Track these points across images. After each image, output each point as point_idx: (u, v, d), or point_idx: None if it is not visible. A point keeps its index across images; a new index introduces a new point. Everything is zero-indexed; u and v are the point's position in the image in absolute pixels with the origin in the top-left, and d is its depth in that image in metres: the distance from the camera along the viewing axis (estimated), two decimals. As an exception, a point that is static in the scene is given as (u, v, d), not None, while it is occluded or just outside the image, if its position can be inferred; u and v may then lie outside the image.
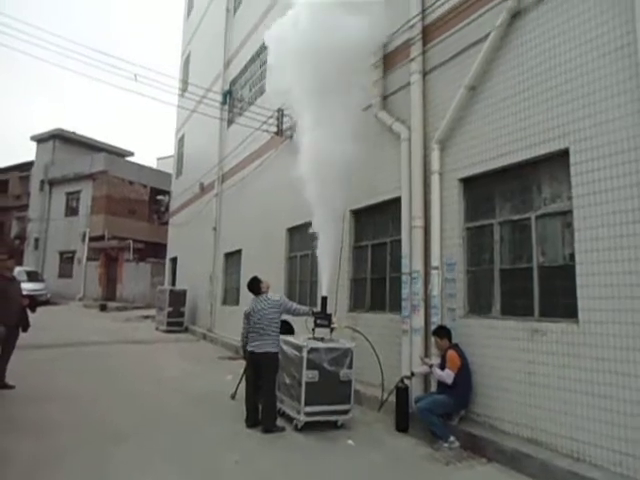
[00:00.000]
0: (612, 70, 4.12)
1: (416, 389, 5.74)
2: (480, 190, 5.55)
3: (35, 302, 7.16)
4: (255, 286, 5.71)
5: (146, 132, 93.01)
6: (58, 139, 30.37)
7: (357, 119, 6.35)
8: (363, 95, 6.46)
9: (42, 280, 23.49)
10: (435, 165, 5.87)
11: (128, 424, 5.28)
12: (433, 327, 5.61)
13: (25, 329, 6.70)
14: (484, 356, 5.11)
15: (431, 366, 5.29)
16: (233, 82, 14.46)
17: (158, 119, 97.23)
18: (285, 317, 5.88)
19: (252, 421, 5.36)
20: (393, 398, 5.61)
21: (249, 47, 13.29)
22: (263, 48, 12.31)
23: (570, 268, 4.39)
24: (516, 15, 5.08)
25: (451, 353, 5.09)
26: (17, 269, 23.53)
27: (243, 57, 13.73)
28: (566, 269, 4.47)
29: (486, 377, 5.05)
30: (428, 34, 6.35)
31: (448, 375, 5.00)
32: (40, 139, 30.99)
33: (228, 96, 13.89)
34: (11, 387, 6.45)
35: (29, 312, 6.80)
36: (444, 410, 4.97)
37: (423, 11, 6.36)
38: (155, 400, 6.41)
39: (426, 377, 5.77)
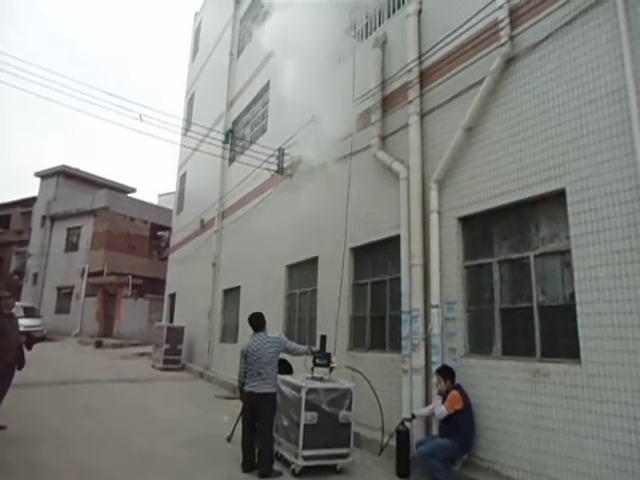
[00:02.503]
0: (605, 113, 4.24)
1: (417, 432, 5.58)
2: (479, 229, 5.59)
3: (32, 340, 6.98)
4: (259, 322, 5.60)
5: (148, 169, 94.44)
6: (62, 175, 30.79)
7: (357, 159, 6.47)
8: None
9: (39, 316, 23.24)
10: (434, 204, 5.94)
11: (119, 468, 5.09)
12: (434, 367, 5.53)
13: (20, 367, 6.55)
14: (486, 397, 5.00)
15: (438, 393, 5.17)
16: (235, 122, 14.80)
17: (160, 156, 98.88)
18: (283, 356, 5.79)
19: (248, 465, 5.18)
20: (394, 441, 5.46)
21: (251, 89, 13.68)
22: (265, 89, 12.70)
23: (571, 308, 4.36)
24: (510, 61, 5.27)
25: (454, 393, 4.98)
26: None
27: (245, 98, 14.12)
28: (567, 309, 4.44)
29: (489, 419, 4.93)
30: (425, 78, 6.56)
31: (441, 412, 4.91)
32: (44, 175, 31.42)
33: (230, 135, 14.19)
34: (2, 427, 6.27)
35: (25, 350, 6.66)
36: (447, 455, 4.82)
37: (420, 56, 6.59)
38: (148, 442, 6.21)
39: (427, 419, 5.63)
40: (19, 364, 6.50)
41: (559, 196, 4.58)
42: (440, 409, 4.94)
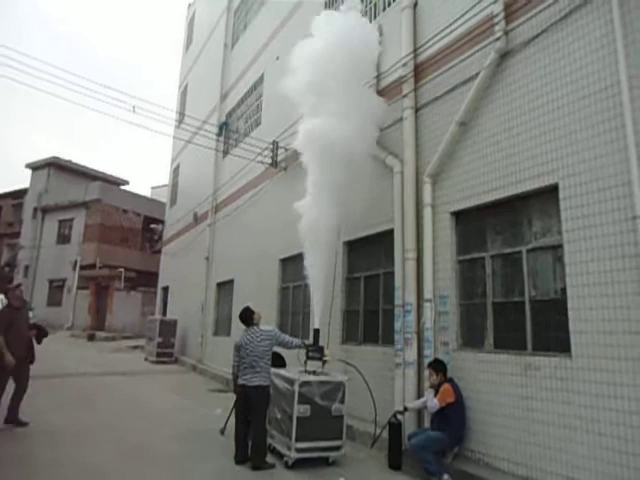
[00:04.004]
0: (598, 109, 4.25)
1: (409, 425, 5.63)
2: (472, 223, 5.61)
3: (42, 333, 6.63)
4: (247, 317, 5.63)
5: (141, 161, 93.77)
6: (53, 167, 30.47)
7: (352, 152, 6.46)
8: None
9: (30, 309, 23.07)
10: (427, 198, 5.95)
11: (110, 462, 5.09)
12: (426, 360, 5.56)
13: (31, 362, 6.33)
14: (478, 391, 5.04)
15: (430, 387, 5.20)
16: (229, 114, 14.71)
17: (154, 149, 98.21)
18: (276, 349, 5.80)
19: (241, 457, 5.20)
20: (386, 434, 5.50)
21: (246, 81, 13.59)
22: (259, 82, 12.62)
23: (562, 302, 4.40)
24: (504, 55, 5.26)
25: (446, 386, 5.01)
26: (4, 296, 23.17)
27: (240, 90, 14.02)
28: (558, 303, 4.48)
29: (481, 412, 4.98)
30: (420, 72, 6.54)
31: (434, 405, 4.94)
32: (35, 167, 31.08)
33: (224, 127, 14.12)
34: (24, 424, 6.14)
35: (35, 343, 6.43)
36: (438, 447, 4.86)
37: (415, 50, 6.57)
38: (140, 435, 6.22)
39: (420, 412, 5.67)
40: (29, 358, 6.28)
41: (552, 191, 4.60)
42: (432, 402, 4.98)
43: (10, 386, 6.21)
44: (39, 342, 6.52)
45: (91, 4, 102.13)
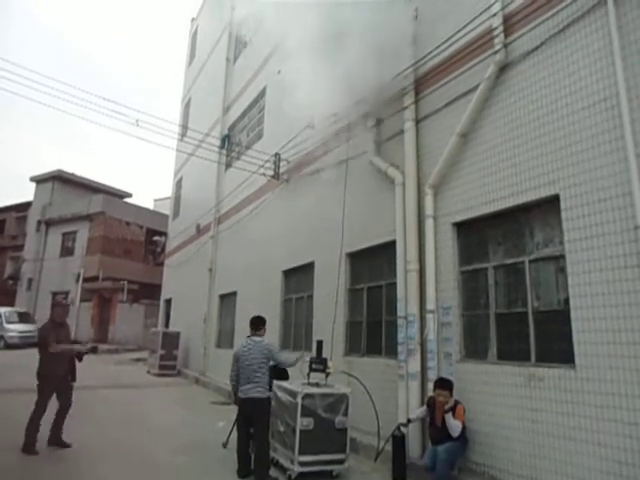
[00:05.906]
0: (598, 120, 4.29)
1: (413, 437, 5.58)
2: (474, 234, 5.62)
3: (84, 351, 6.50)
4: (257, 323, 5.61)
5: (144, 174, 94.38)
6: (57, 180, 30.71)
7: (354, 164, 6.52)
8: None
9: (33, 321, 23.09)
10: (429, 209, 5.97)
11: (114, 475, 5.06)
12: (430, 372, 5.53)
13: (74, 379, 6.24)
14: (482, 402, 5.01)
15: (447, 411, 5.04)
16: (232, 127, 14.83)
17: (157, 161, 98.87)
18: (278, 361, 5.77)
19: (244, 471, 5.16)
20: (390, 446, 5.45)
21: (248, 94, 13.72)
22: (261, 95, 12.74)
23: (565, 312, 4.38)
24: (504, 68, 5.32)
25: (460, 407, 4.92)
26: (8, 309, 23.21)
27: (242, 103, 14.15)
28: (561, 313, 4.46)
29: (485, 425, 4.94)
30: (421, 84, 6.61)
31: (457, 426, 4.81)
32: (39, 180, 31.32)
33: (226, 140, 14.22)
34: (68, 445, 6.02)
35: (76, 360, 6.33)
36: (458, 456, 4.83)
37: (416, 62, 6.63)
38: (143, 449, 6.18)
39: (423, 426, 5.62)
40: (72, 376, 6.20)
41: (553, 202, 4.61)
42: (456, 425, 4.82)
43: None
44: (80, 360, 6.43)
45: (92, 15, 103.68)
